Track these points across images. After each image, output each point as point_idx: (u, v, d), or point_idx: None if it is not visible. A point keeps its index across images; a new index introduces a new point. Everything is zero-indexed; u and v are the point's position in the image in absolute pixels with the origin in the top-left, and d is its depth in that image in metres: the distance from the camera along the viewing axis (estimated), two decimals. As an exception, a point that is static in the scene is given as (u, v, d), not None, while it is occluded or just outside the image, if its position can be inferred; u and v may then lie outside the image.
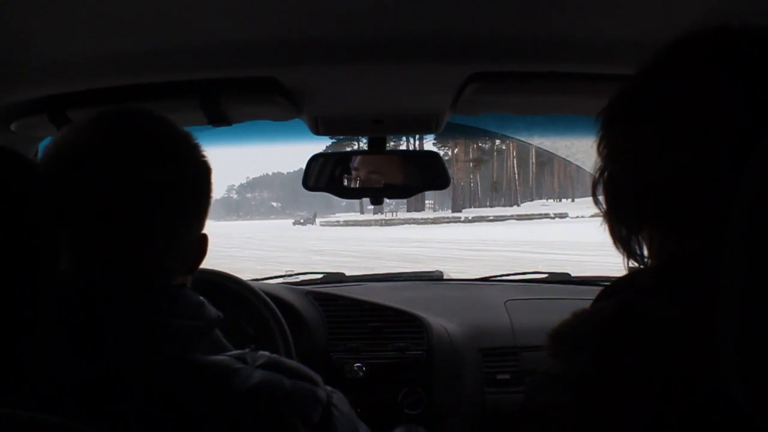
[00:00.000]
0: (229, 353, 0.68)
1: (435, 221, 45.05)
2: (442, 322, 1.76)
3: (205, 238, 0.73)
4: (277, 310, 1.59)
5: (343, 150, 1.48)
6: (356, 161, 1.48)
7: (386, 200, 1.59)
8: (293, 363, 0.71)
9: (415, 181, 1.47)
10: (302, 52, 0.97)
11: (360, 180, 1.48)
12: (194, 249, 0.72)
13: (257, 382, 0.64)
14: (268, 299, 1.61)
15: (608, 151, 0.61)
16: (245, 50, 0.96)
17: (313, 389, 0.69)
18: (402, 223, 45.40)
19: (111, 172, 0.64)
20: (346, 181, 1.47)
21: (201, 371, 0.63)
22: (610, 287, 0.60)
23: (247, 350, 0.70)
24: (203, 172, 0.72)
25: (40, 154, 1.37)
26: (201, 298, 0.70)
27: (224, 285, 1.62)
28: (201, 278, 1.75)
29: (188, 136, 0.72)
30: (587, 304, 0.59)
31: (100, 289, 0.63)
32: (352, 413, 0.75)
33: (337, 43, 0.94)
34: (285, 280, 2.16)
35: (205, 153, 0.73)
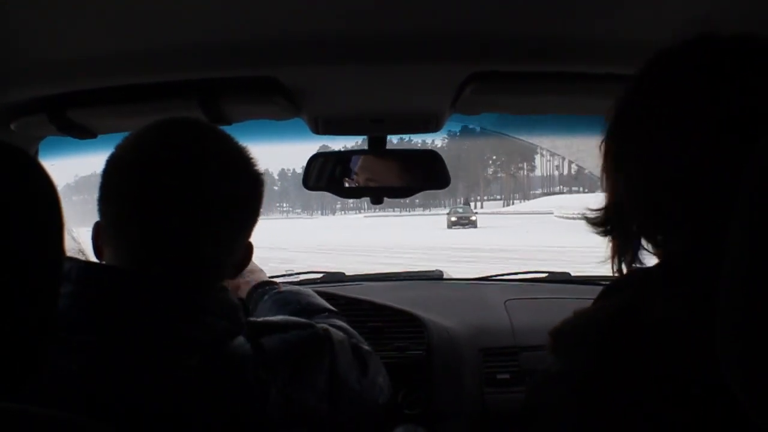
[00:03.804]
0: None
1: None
2: (441, 321, 1.76)
3: (251, 245, 0.78)
4: None
5: (341, 149, 1.48)
6: (356, 161, 1.48)
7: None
8: (279, 318, 0.77)
9: (415, 180, 1.47)
10: (302, 52, 0.97)
11: (360, 179, 1.48)
12: (243, 255, 0.77)
13: (267, 350, 0.69)
14: None
15: (614, 152, 0.61)
16: (245, 50, 0.96)
17: (311, 331, 0.75)
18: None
19: (172, 179, 0.68)
20: (346, 180, 1.47)
21: (228, 361, 0.66)
22: (612, 286, 0.60)
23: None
24: (259, 183, 0.76)
25: (40, 154, 1.37)
26: (237, 302, 0.73)
27: None
28: None
29: (246, 148, 0.76)
30: (588, 304, 0.59)
31: (137, 287, 0.66)
32: (347, 334, 0.83)
33: (336, 43, 0.94)
34: (285, 280, 2.16)
35: (257, 163, 0.77)
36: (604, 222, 0.61)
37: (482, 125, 1.55)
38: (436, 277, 2.30)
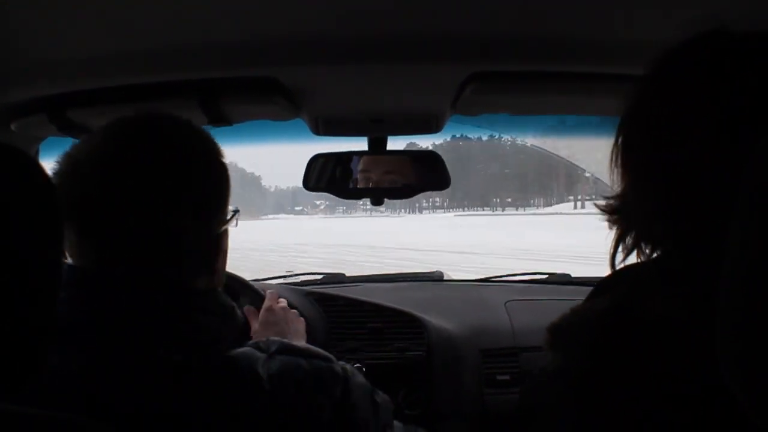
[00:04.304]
0: (246, 344, 0.71)
1: None
2: (442, 322, 1.76)
3: (224, 234, 0.77)
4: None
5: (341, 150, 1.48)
6: (356, 161, 1.48)
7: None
8: (303, 344, 0.76)
9: (415, 181, 1.47)
10: (302, 52, 0.97)
11: (360, 180, 1.48)
12: (215, 246, 0.76)
13: (280, 366, 0.68)
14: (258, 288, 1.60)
15: (622, 147, 0.61)
16: (245, 50, 0.96)
17: (330, 365, 0.74)
18: None
19: (134, 176, 0.67)
20: (346, 181, 1.47)
21: (229, 363, 0.66)
22: (606, 282, 0.60)
23: (254, 341, 0.73)
24: (221, 171, 0.75)
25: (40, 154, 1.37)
26: (233, 302, 0.73)
27: (227, 284, 1.61)
28: None
29: (206, 137, 0.75)
30: None
31: (128, 287, 0.66)
32: (366, 382, 0.82)
33: (337, 43, 0.94)
34: (285, 281, 2.16)
35: (222, 152, 0.76)
36: (611, 211, 0.61)
37: (482, 126, 1.55)
38: (436, 278, 2.30)
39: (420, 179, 1.47)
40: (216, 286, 0.75)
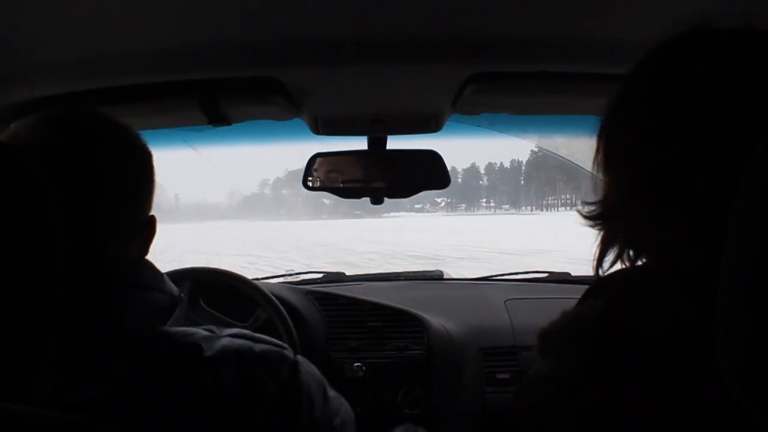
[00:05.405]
0: (197, 327, 0.72)
1: None
2: (442, 321, 1.76)
3: (153, 219, 0.78)
4: (282, 309, 1.60)
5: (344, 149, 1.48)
6: (356, 161, 1.48)
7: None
8: (260, 335, 0.76)
9: (415, 180, 1.47)
10: (302, 52, 0.97)
11: (360, 179, 1.48)
12: (143, 230, 0.77)
13: (225, 344, 0.68)
14: (273, 297, 1.61)
15: (604, 150, 0.60)
16: (246, 50, 0.96)
17: (280, 350, 0.73)
18: None
19: (57, 163, 0.68)
20: (346, 180, 1.47)
21: (171, 340, 0.67)
22: (597, 285, 0.59)
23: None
24: (142, 158, 0.76)
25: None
26: (160, 270, 0.74)
27: (230, 284, 1.62)
28: (206, 277, 1.73)
29: (126, 127, 0.76)
30: None
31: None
32: (319, 375, 0.80)
33: (337, 43, 0.94)
34: (285, 280, 2.16)
35: (144, 141, 0.77)
36: (594, 217, 0.61)
37: (482, 125, 1.55)
38: (436, 277, 2.30)
39: (420, 178, 1.47)
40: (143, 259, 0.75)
